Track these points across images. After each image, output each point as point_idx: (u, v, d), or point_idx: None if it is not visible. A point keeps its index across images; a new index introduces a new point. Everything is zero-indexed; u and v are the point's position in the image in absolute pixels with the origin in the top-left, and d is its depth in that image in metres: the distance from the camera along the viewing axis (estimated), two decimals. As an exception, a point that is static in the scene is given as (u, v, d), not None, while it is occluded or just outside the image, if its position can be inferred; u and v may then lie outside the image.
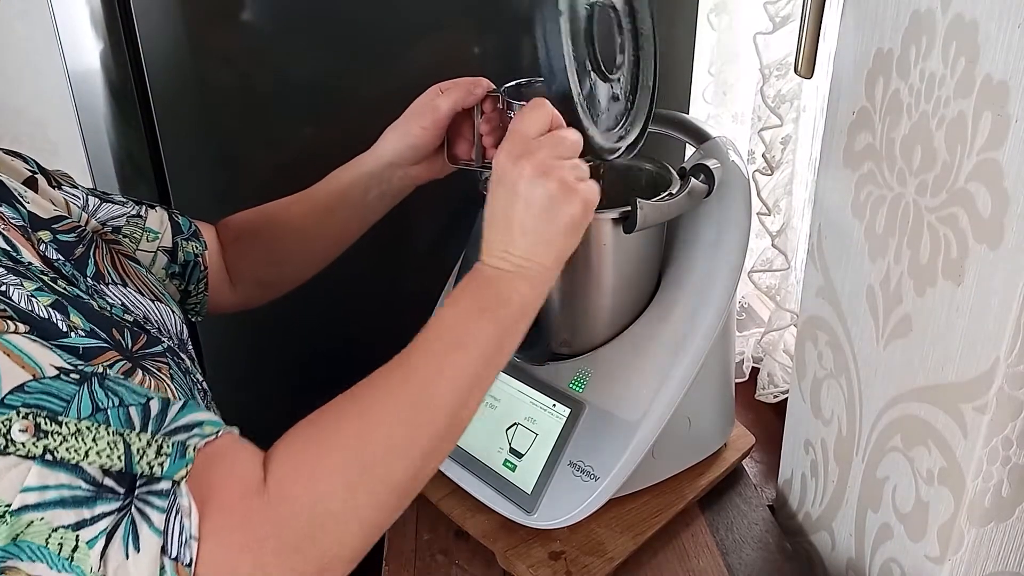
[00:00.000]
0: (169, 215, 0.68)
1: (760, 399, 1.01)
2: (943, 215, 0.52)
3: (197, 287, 0.68)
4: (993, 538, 0.52)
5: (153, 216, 0.66)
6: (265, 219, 0.73)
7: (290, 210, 0.73)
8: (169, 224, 0.67)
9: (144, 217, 0.65)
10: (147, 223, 0.65)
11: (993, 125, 0.46)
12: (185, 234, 0.67)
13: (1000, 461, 0.50)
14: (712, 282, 0.67)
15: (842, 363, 0.68)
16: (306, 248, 0.74)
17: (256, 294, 0.75)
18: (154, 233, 0.65)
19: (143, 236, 0.64)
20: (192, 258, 0.67)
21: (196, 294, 0.69)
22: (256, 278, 0.74)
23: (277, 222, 0.73)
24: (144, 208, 0.66)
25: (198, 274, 0.68)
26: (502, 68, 0.69)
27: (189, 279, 0.68)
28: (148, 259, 0.64)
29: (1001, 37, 0.45)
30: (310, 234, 0.73)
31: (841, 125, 0.66)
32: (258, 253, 0.73)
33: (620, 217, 0.62)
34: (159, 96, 0.92)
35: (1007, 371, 0.47)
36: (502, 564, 0.67)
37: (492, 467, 0.70)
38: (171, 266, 0.66)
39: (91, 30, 0.88)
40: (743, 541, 0.71)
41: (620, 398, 0.66)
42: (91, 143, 0.93)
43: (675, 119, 0.73)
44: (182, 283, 0.67)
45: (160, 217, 0.66)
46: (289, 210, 0.73)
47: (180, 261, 0.67)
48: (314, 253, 0.74)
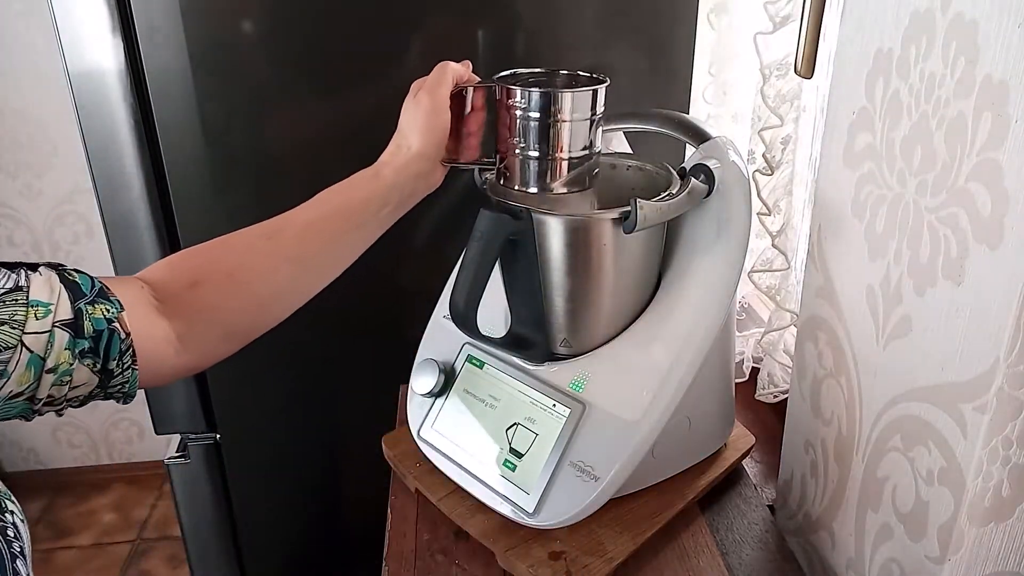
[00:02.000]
0: (60, 275, 0.51)
1: (760, 399, 1.01)
2: (943, 215, 0.52)
3: (120, 362, 0.52)
4: (993, 538, 0.52)
5: (38, 282, 0.49)
6: (242, 251, 0.61)
7: (281, 238, 0.62)
8: (63, 288, 0.50)
9: (25, 288, 0.48)
10: (31, 294, 0.48)
11: (993, 125, 0.46)
12: (88, 296, 0.51)
13: (1000, 461, 0.50)
14: (712, 282, 0.67)
15: (842, 363, 0.68)
16: (300, 283, 0.63)
17: (216, 350, 0.61)
18: (43, 306, 0.48)
19: (28, 315, 0.47)
20: (104, 325, 0.51)
21: (121, 370, 0.53)
22: (223, 330, 0.60)
23: (260, 254, 0.61)
24: (22, 274, 0.49)
25: (117, 345, 0.52)
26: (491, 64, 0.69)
27: (106, 355, 0.51)
28: (40, 346, 0.48)
29: (1001, 37, 0.45)
30: (310, 264, 0.63)
31: (841, 125, 0.66)
32: (231, 297, 0.60)
33: (620, 217, 0.62)
34: (159, 96, 0.92)
35: (1007, 371, 0.47)
36: (502, 564, 0.67)
37: (492, 467, 0.70)
38: (76, 343, 0.50)
39: (91, 30, 0.88)
40: (743, 541, 0.71)
41: (620, 398, 0.66)
42: (91, 143, 0.93)
43: (675, 119, 0.73)
44: (97, 361, 0.51)
45: (48, 281, 0.50)
46: (280, 238, 0.62)
47: (88, 333, 0.50)
48: (308, 287, 0.64)
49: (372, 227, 0.65)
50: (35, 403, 0.49)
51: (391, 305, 1.05)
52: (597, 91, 0.63)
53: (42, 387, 0.48)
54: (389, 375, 0.91)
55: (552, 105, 0.62)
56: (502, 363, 0.73)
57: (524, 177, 0.66)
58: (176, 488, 1.14)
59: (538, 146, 0.64)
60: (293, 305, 0.64)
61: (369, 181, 0.65)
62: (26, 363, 0.47)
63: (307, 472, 1.16)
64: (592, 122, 0.64)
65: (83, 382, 0.51)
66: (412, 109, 0.66)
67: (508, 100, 0.64)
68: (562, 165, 0.65)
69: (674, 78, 0.99)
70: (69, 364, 0.49)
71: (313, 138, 0.96)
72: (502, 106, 0.65)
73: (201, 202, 0.96)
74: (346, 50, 0.92)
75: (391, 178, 0.65)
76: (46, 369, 0.48)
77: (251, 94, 0.93)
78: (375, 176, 0.65)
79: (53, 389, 0.49)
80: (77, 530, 2.07)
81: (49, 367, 0.48)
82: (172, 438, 1.13)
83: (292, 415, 1.12)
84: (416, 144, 0.65)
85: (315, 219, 0.64)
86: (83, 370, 0.50)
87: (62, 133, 1.88)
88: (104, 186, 0.95)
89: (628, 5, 0.94)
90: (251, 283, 0.61)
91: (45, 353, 0.48)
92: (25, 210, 1.95)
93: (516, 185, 0.66)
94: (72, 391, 0.51)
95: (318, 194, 0.65)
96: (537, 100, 0.62)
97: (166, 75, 0.90)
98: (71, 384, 0.50)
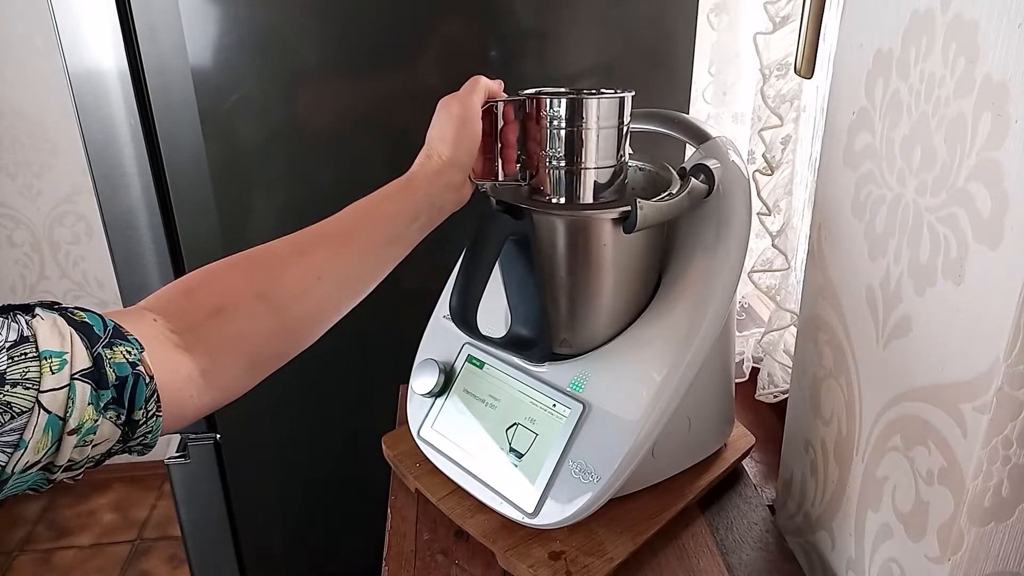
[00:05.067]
0: (64, 315, 0.43)
1: (760, 399, 1.01)
2: (943, 215, 0.52)
3: (146, 410, 0.45)
4: (993, 538, 0.52)
5: (44, 328, 0.41)
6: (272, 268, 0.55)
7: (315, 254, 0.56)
8: (72, 332, 0.42)
9: (32, 338, 0.40)
10: (40, 344, 0.40)
11: (993, 125, 0.46)
12: (104, 337, 0.43)
13: (1000, 461, 0.50)
14: (712, 282, 0.67)
15: (842, 363, 0.68)
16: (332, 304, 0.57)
17: (241, 383, 0.53)
18: (57, 356, 0.40)
19: (43, 370, 0.39)
20: (128, 370, 0.43)
21: (145, 420, 0.45)
22: (250, 360, 0.53)
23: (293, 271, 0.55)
24: (21, 320, 0.40)
25: (143, 391, 0.44)
26: (491, 63, 0.69)
27: (132, 404, 0.44)
28: (59, 404, 0.40)
29: (1001, 37, 0.45)
30: (343, 282, 0.57)
31: (841, 125, 0.66)
32: (261, 322, 0.53)
33: (620, 217, 0.62)
34: (158, 96, 0.92)
35: (1007, 371, 0.47)
36: (502, 564, 0.67)
37: (492, 467, 0.70)
38: (100, 395, 0.42)
39: (91, 30, 0.88)
40: (743, 541, 0.71)
41: (620, 398, 0.66)
42: (91, 143, 0.93)
43: (675, 119, 0.73)
44: (121, 413, 0.43)
45: (55, 326, 0.41)
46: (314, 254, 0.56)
47: (111, 382, 0.42)
48: (339, 308, 0.58)
49: (404, 242, 0.61)
50: (52, 471, 0.42)
51: (391, 305, 1.05)
52: (625, 99, 0.64)
53: (63, 452, 0.41)
54: (389, 375, 0.91)
55: (583, 112, 0.62)
56: (502, 363, 0.73)
57: (556, 190, 0.66)
58: (176, 488, 1.15)
59: (569, 156, 0.64)
60: (322, 328, 0.57)
61: (401, 190, 0.62)
62: (44, 427, 0.40)
63: (307, 472, 1.16)
64: (620, 131, 0.64)
65: (105, 438, 0.44)
66: (443, 118, 0.64)
67: (539, 112, 0.64)
68: (593, 174, 0.65)
69: (674, 78, 0.99)
70: (94, 421, 0.42)
71: (313, 138, 0.96)
72: (531, 120, 0.65)
73: (201, 202, 0.96)
74: (346, 50, 0.92)
75: (424, 187, 0.62)
76: (68, 431, 0.41)
77: (252, 94, 0.93)
78: (407, 184, 0.62)
79: (74, 452, 0.42)
80: (77, 530, 2.07)
81: (71, 428, 0.41)
82: (172, 438, 1.13)
83: (292, 415, 1.12)
84: (447, 152, 0.63)
85: (349, 232, 0.58)
86: (107, 425, 0.43)
87: (62, 133, 1.89)
88: (104, 186, 0.95)
89: (628, 5, 0.94)
90: (283, 305, 0.54)
91: (66, 412, 0.40)
92: (25, 210, 1.95)
93: (549, 199, 0.66)
94: (94, 450, 0.43)
95: (349, 206, 0.60)
96: (568, 108, 0.63)
97: (166, 75, 0.90)
98: (93, 443, 0.43)
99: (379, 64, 0.91)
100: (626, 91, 0.64)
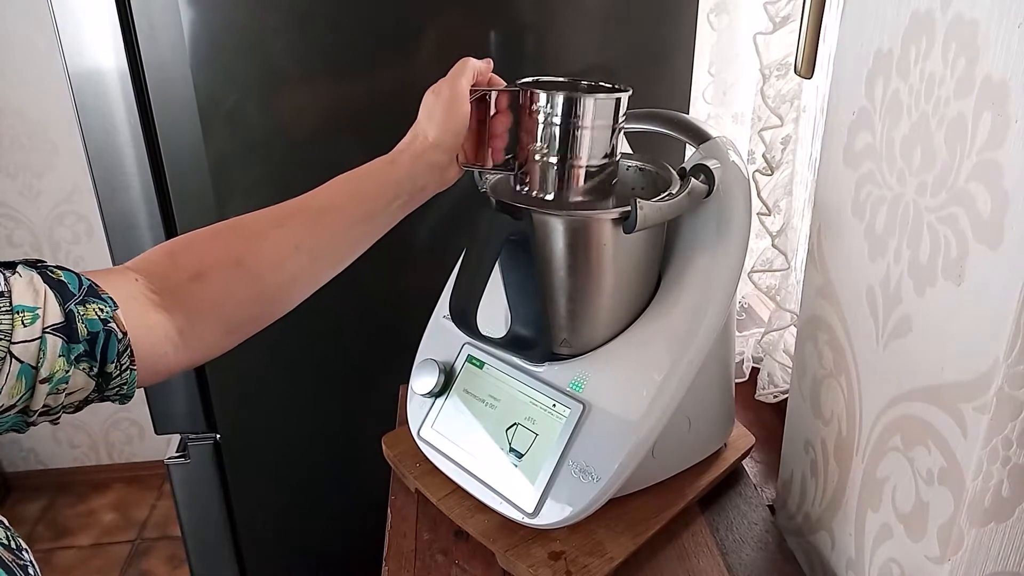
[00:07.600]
0: (42, 274, 0.47)
1: (760, 399, 1.01)
2: (943, 215, 0.52)
3: (119, 364, 0.49)
4: (993, 538, 0.52)
5: (19, 284, 0.45)
6: (252, 238, 0.58)
7: (293, 225, 0.59)
8: (48, 289, 0.46)
9: (6, 292, 0.44)
10: (14, 299, 0.44)
11: (993, 125, 0.46)
12: (77, 295, 0.47)
13: (1000, 461, 0.50)
14: (712, 282, 0.67)
15: (842, 363, 0.68)
16: (309, 274, 0.61)
17: (217, 345, 0.57)
18: (29, 310, 0.45)
19: (15, 323, 0.44)
20: (99, 326, 0.48)
21: (119, 372, 0.50)
22: (227, 323, 0.57)
23: (270, 241, 0.58)
24: (1, 279, 0.45)
25: (115, 346, 0.48)
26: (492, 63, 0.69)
27: (103, 357, 0.48)
28: (31, 355, 0.44)
29: (1001, 37, 0.45)
30: (320, 255, 0.60)
31: (841, 125, 0.66)
32: (238, 288, 0.56)
33: (620, 217, 0.62)
34: (158, 96, 0.92)
35: (1007, 371, 0.47)
36: (502, 564, 0.67)
37: (492, 467, 0.70)
38: (71, 348, 0.46)
39: (91, 30, 0.88)
40: (743, 541, 0.71)
41: (620, 398, 0.66)
42: (91, 143, 0.93)
43: (675, 119, 0.73)
44: (93, 365, 0.48)
45: (30, 283, 0.46)
46: (292, 225, 0.59)
47: (82, 337, 0.47)
48: (315, 279, 0.62)
49: (382, 219, 0.64)
50: (29, 415, 0.47)
51: (391, 305, 1.05)
52: (620, 99, 0.64)
53: (36, 398, 0.46)
54: (389, 375, 0.91)
55: (576, 110, 0.62)
56: (502, 363, 0.73)
57: (543, 184, 0.65)
58: (176, 488, 1.14)
59: (559, 152, 0.64)
60: (298, 298, 0.61)
61: (384, 167, 0.64)
62: (16, 374, 0.44)
63: (307, 472, 1.17)
64: (613, 130, 0.64)
65: (79, 387, 0.48)
66: (431, 100, 0.65)
67: (532, 104, 0.64)
68: (582, 172, 0.64)
69: (674, 78, 0.99)
70: (65, 371, 0.46)
71: (314, 138, 0.96)
72: (524, 111, 0.65)
73: (201, 202, 0.96)
74: (346, 50, 0.92)
75: (407, 166, 0.63)
76: (40, 379, 0.45)
77: (252, 94, 0.93)
78: (391, 163, 0.64)
79: (48, 399, 0.47)
80: (77, 530, 2.07)
81: (43, 377, 0.45)
82: (172, 438, 1.13)
83: (292, 415, 1.12)
84: (433, 133, 0.64)
85: (328, 207, 0.61)
86: (79, 375, 0.47)
87: (62, 133, 1.89)
88: (104, 186, 0.95)
89: (629, 5, 0.94)
90: (261, 273, 0.57)
91: (37, 362, 0.45)
92: (25, 210, 1.96)
93: (535, 192, 0.66)
94: (68, 398, 0.48)
95: (331, 180, 0.63)
96: (561, 104, 0.62)
97: (166, 75, 0.90)
98: (67, 391, 0.48)
99: (382, 63, 0.91)
100: (624, 88, 0.64)
